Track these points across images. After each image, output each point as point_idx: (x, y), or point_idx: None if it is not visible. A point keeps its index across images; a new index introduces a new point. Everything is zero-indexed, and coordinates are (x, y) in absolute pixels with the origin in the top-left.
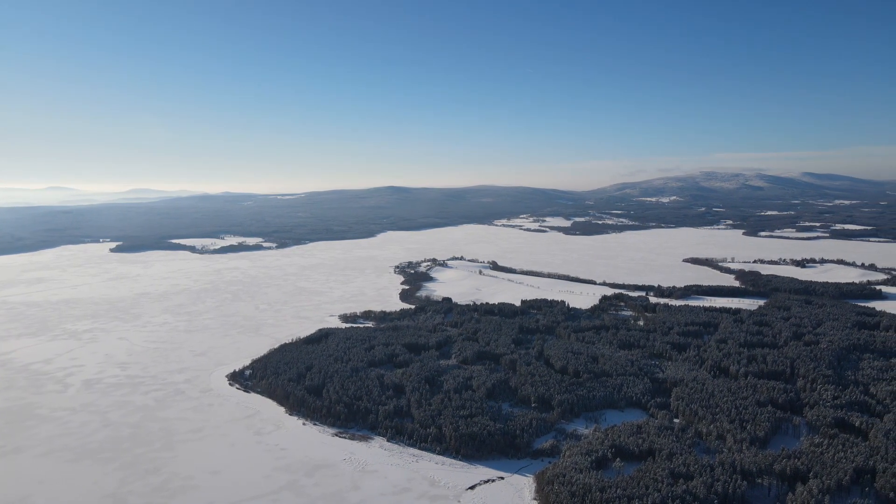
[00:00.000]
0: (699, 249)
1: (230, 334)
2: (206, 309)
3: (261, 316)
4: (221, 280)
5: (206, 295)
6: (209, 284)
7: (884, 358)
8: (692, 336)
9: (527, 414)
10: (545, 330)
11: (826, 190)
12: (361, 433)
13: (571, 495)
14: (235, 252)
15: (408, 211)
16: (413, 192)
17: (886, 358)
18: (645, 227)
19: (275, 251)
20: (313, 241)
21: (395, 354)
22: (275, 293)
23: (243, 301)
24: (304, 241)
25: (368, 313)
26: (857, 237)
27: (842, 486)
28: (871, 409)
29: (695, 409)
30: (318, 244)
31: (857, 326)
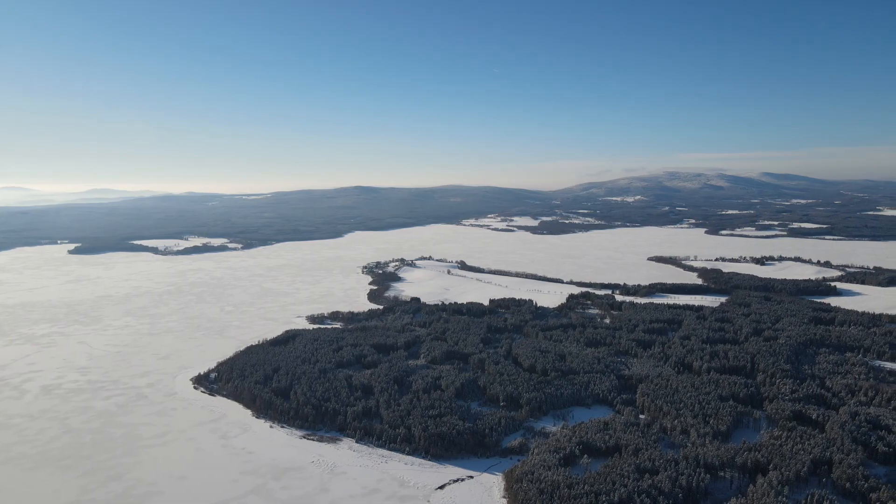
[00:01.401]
0: (663, 248)
1: (195, 337)
2: (169, 311)
3: (226, 318)
4: (185, 282)
5: (169, 297)
6: (172, 286)
7: (839, 352)
8: (657, 333)
9: (495, 413)
10: (513, 329)
11: (784, 190)
12: (330, 435)
13: (540, 492)
14: (200, 253)
15: (376, 211)
16: (381, 192)
17: (841, 352)
18: (611, 227)
19: (240, 252)
20: (280, 242)
21: (364, 355)
22: (241, 295)
23: (208, 303)
24: (271, 242)
25: (336, 314)
26: (814, 235)
27: (800, 478)
28: (827, 401)
29: (660, 404)
30: (285, 245)
31: (813, 322)
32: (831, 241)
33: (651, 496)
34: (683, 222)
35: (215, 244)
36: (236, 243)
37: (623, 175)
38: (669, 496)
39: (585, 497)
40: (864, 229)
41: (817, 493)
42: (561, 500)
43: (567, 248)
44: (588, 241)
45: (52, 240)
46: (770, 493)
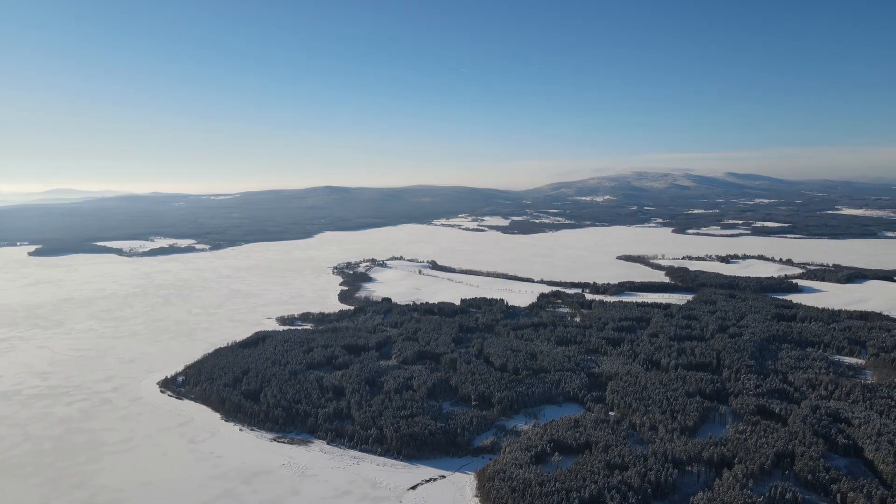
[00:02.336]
0: (632, 247)
1: (161, 340)
2: (134, 314)
3: (194, 320)
4: (151, 284)
5: (134, 299)
6: (138, 288)
7: (800, 347)
8: (626, 331)
9: (467, 412)
10: (485, 328)
11: (747, 189)
12: (301, 437)
13: (512, 491)
14: (166, 254)
15: (346, 211)
16: (351, 192)
17: (802, 347)
18: (580, 226)
19: (208, 253)
20: (249, 243)
21: (335, 356)
22: (208, 296)
23: (175, 305)
24: (239, 243)
25: (307, 315)
26: (776, 234)
27: (764, 470)
28: (789, 396)
29: (629, 401)
30: (254, 245)
31: (776, 318)
32: (793, 239)
33: (621, 492)
34: (651, 221)
35: (182, 245)
36: (204, 244)
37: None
38: (639, 491)
39: (557, 494)
40: (823, 228)
41: (780, 485)
42: (532, 497)
43: (537, 248)
44: (558, 241)
45: (11, 241)
46: (735, 487)
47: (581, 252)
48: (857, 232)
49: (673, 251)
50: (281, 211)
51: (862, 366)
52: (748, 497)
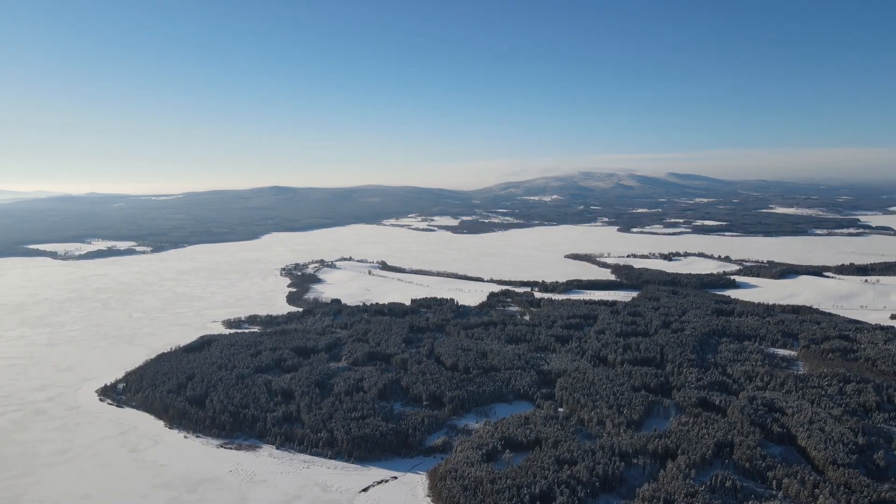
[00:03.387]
0: (579, 246)
1: (100, 346)
2: (71, 320)
3: (135, 325)
4: (89, 288)
5: (70, 304)
6: (74, 293)
7: (738, 341)
8: (574, 328)
9: (419, 412)
10: (435, 328)
11: (688, 189)
12: (249, 442)
13: (464, 489)
14: (104, 257)
15: (293, 211)
16: (299, 192)
17: (740, 341)
18: (529, 225)
19: (150, 255)
20: (192, 244)
21: (283, 359)
22: (150, 300)
23: (114, 310)
24: (183, 245)
25: (254, 318)
26: (715, 232)
27: (705, 460)
28: (728, 388)
29: (577, 397)
30: (198, 247)
31: (715, 313)
32: (731, 237)
33: (570, 486)
34: (597, 221)
35: (122, 247)
36: (145, 246)
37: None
38: (587, 485)
39: (508, 491)
40: (758, 226)
41: (721, 473)
42: (484, 495)
43: (487, 247)
44: (507, 240)
45: None
46: (679, 477)
47: (530, 251)
48: (789, 230)
49: (618, 249)
50: (226, 212)
51: (794, 357)
52: (691, 486)
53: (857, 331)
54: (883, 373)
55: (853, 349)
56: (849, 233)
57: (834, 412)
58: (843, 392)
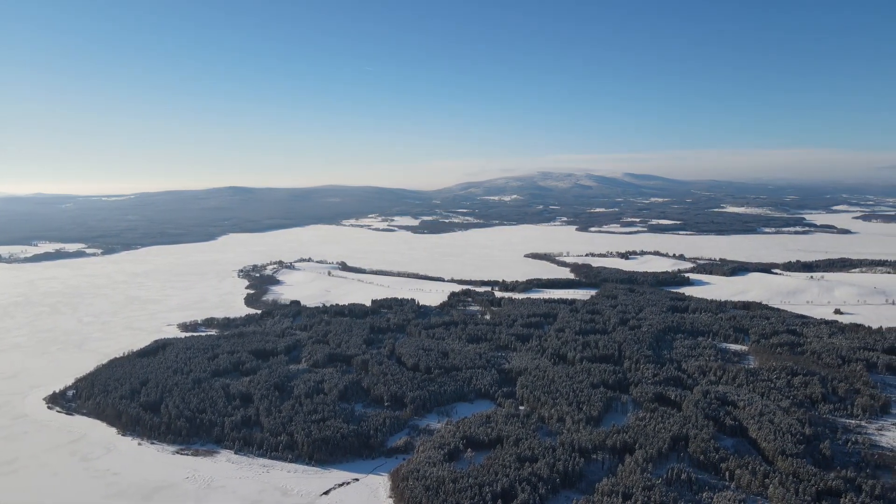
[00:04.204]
0: (538, 245)
1: (48, 352)
2: (16, 325)
3: (85, 330)
4: (36, 292)
5: (16, 309)
6: (20, 297)
7: (692, 337)
8: (534, 327)
9: (380, 413)
10: (396, 328)
11: (644, 189)
12: (206, 448)
13: (426, 489)
14: (52, 260)
15: (251, 212)
16: (256, 193)
17: (694, 337)
18: (489, 225)
19: (100, 258)
20: (146, 246)
21: (242, 362)
22: (102, 304)
23: (63, 314)
24: (136, 247)
25: (211, 321)
26: (670, 231)
27: (662, 454)
28: (683, 383)
29: (538, 395)
30: (152, 249)
31: (671, 310)
32: (685, 235)
33: (531, 483)
34: (556, 220)
35: (70, 250)
36: (95, 248)
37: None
38: (548, 482)
39: (470, 490)
40: (711, 225)
41: (676, 467)
42: (446, 494)
43: (448, 247)
44: (468, 240)
45: None
46: (636, 471)
47: (490, 251)
48: (740, 228)
49: (577, 248)
50: (181, 212)
51: (745, 352)
52: (648, 480)
53: (803, 325)
54: (828, 365)
55: (800, 343)
56: (795, 231)
57: (782, 404)
58: (791, 385)
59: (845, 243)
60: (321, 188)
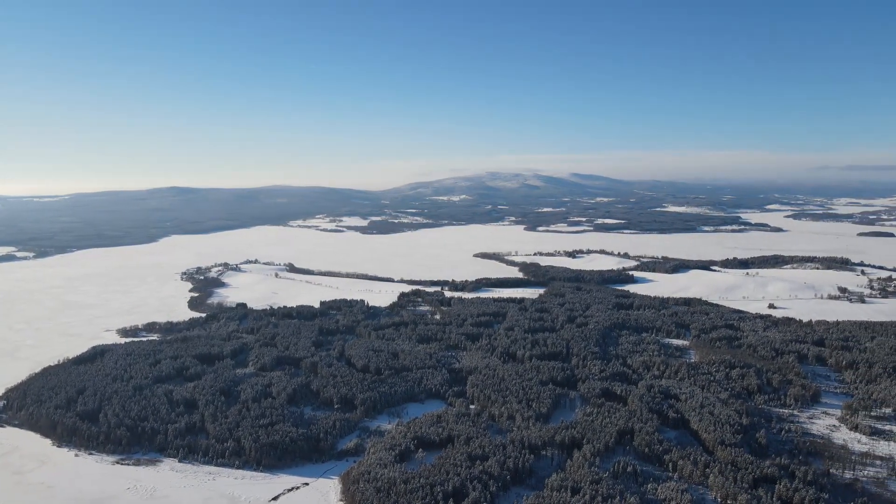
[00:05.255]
0: (488, 245)
1: None
2: None
3: (16, 337)
4: None
5: None
6: None
7: (637, 333)
8: (484, 326)
9: (330, 416)
10: (345, 330)
11: (589, 189)
12: (148, 457)
13: (377, 491)
14: None
15: (195, 213)
16: (200, 193)
17: (639, 333)
18: (438, 225)
19: (32, 262)
20: (82, 249)
21: (186, 367)
22: (34, 309)
23: None
24: (71, 249)
25: (152, 325)
26: (615, 230)
27: (609, 448)
28: (628, 378)
29: (488, 393)
30: (89, 252)
31: (616, 307)
32: (629, 234)
33: (482, 481)
34: (505, 220)
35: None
36: (26, 251)
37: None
38: (498, 479)
39: (421, 490)
40: (653, 224)
41: (623, 460)
42: (398, 496)
43: (397, 247)
44: (417, 240)
45: None
46: (584, 465)
47: (440, 251)
48: (681, 227)
49: (525, 248)
50: (120, 214)
51: (687, 346)
52: (595, 474)
53: (740, 320)
54: (763, 358)
55: (737, 337)
56: (732, 229)
57: (721, 396)
58: (729, 377)
59: (778, 241)
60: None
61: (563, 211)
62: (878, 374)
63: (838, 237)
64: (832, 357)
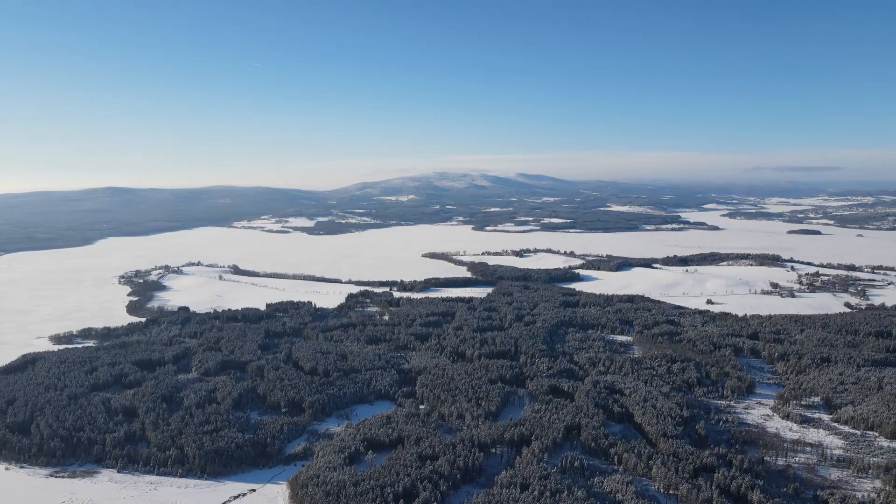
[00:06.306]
0: (436, 245)
1: None
2: None
3: None
4: None
5: None
6: None
7: (583, 330)
8: (433, 326)
9: (277, 420)
10: (292, 332)
11: (536, 189)
12: (84, 468)
13: (326, 494)
14: None
15: (133, 214)
16: (138, 194)
17: (585, 330)
18: (386, 226)
19: None
20: (10, 252)
21: (124, 374)
22: None
23: None
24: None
25: (88, 331)
26: (561, 229)
27: (556, 443)
28: (575, 374)
29: (437, 393)
30: (18, 255)
31: (563, 305)
32: (575, 233)
33: (432, 481)
34: (453, 220)
35: None
36: None
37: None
38: (449, 478)
39: (371, 492)
40: (598, 223)
41: (570, 455)
42: (347, 498)
43: (345, 248)
44: (365, 241)
45: None
46: (533, 462)
47: (388, 251)
48: (624, 226)
49: (473, 247)
50: (52, 215)
51: (631, 342)
52: (544, 470)
53: (680, 315)
54: (702, 352)
55: (678, 332)
56: (672, 228)
57: (663, 390)
58: (671, 371)
59: (715, 239)
60: (210, 189)
61: (511, 211)
62: (807, 365)
63: (770, 235)
64: (765, 350)
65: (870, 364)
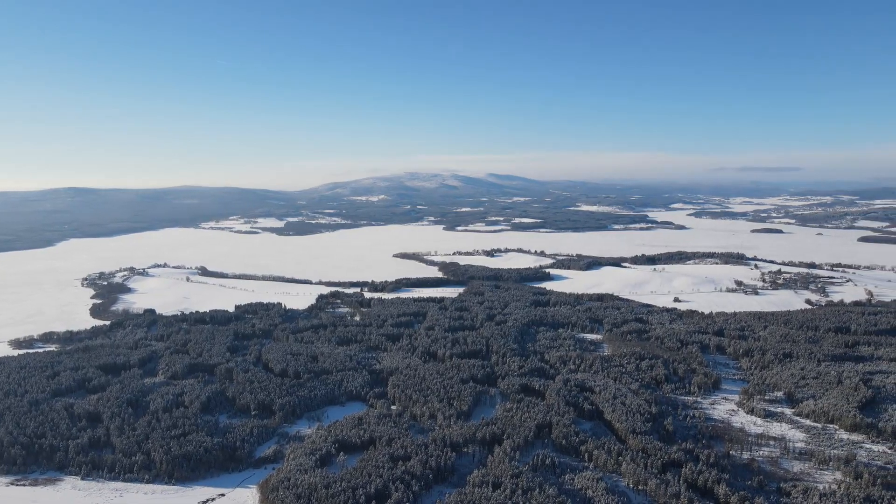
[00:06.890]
0: (407, 245)
1: None
2: None
3: None
4: None
5: None
6: None
7: (553, 329)
8: (404, 326)
9: (247, 423)
10: (262, 334)
11: (506, 189)
12: (47, 476)
13: (297, 497)
14: None
15: (96, 215)
16: (102, 194)
17: (555, 328)
18: (357, 226)
19: None
20: None
21: (88, 379)
22: None
23: None
24: None
25: (50, 335)
26: (531, 229)
27: (528, 442)
28: (546, 373)
29: (409, 393)
30: None
31: (534, 304)
32: (545, 233)
33: (405, 481)
34: (424, 220)
35: None
36: None
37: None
38: (421, 478)
39: (343, 494)
40: (568, 223)
41: (541, 453)
42: (319, 500)
43: (315, 249)
44: (335, 241)
45: None
46: (505, 460)
47: (359, 251)
48: (594, 225)
49: (445, 247)
50: (9, 216)
51: (600, 340)
52: (516, 468)
53: (648, 313)
54: (669, 349)
55: (646, 330)
56: (640, 227)
57: (632, 387)
58: (640, 368)
59: (681, 238)
60: (176, 189)
61: (482, 210)
62: (770, 361)
63: (735, 234)
64: (730, 346)
65: (829, 359)
